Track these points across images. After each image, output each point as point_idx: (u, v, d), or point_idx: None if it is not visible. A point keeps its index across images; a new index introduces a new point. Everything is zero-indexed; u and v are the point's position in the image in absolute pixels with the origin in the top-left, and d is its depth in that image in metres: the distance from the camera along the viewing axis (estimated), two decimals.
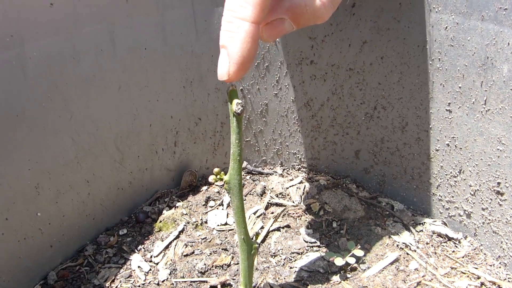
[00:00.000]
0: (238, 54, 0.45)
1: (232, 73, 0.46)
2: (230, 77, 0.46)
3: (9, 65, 0.54)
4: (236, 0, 0.45)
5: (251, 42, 0.46)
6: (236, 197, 0.51)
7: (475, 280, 0.62)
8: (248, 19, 0.45)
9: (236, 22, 0.45)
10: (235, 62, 0.45)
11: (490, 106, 0.60)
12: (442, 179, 0.70)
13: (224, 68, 0.46)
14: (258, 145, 0.85)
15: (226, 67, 0.46)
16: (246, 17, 0.45)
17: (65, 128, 0.62)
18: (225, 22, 0.46)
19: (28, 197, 0.60)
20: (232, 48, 0.45)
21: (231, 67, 0.46)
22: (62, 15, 0.58)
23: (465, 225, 0.69)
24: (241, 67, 0.46)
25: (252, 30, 0.45)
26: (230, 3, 0.45)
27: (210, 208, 0.77)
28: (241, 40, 0.45)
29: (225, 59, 0.46)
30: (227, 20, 0.46)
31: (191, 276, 0.65)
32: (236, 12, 0.45)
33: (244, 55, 0.46)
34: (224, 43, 0.46)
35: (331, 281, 0.63)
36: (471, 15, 0.58)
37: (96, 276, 0.65)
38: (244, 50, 0.46)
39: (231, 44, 0.45)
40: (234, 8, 0.45)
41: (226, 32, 0.46)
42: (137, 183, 0.76)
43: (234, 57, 0.45)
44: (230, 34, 0.45)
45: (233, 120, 0.46)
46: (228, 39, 0.46)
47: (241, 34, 0.45)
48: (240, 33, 0.45)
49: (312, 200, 0.77)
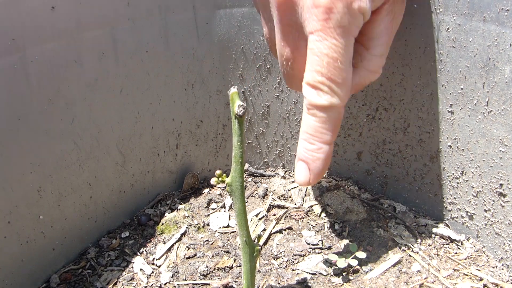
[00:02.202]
0: (319, 170, 0.54)
1: (312, 183, 0.55)
2: (309, 184, 0.55)
3: (12, 69, 0.54)
4: (316, 126, 0.53)
5: (329, 159, 0.54)
6: (238, 199, 0.51)
7: (478, 282, 0.62)
8: (328, 143, 0.53)
9: (317, 144, 0.53)
10: (316, 175, 0.54)
11: (492, 107, 0.60)
12: (444, 181, 0.70)
13: (305, 178, 0.54)
14: (260, 147, 0.85)
15: (307, 178, 0.54)
16: (327, 141, 0.53)
17: (67, 131, 0.63)
18: (305, 142, 0.54)
19: (31, 200, 0.60)
20: (315, 166, 0.54)
21: (312, 179, 0.54)
22: (64, 19, 0.58)
23: (468, 227, 0.69)
24: (319, 177, 0.55)
25: (331, 149, 0.54)
26: (311, 129, 0.53)
27: (212, 211, 0.77)
28: (322, 160, 0.54)
29: (306, 171, 0.54)
30: (307, 141, 0.53)
31: (193, 278, 0.65)
32: (317, 137, 0.53)
33: (323, 170, 0.54)
34: (306, 160, 0.54)
35: (334, 283, 0.63)
36: (472, 17, 0.58)
37: (99, 279, 0.65)
38: (325, 166, 0.54)
39: (313, 163, 0.54)
40: (315, 134, 0.53)
41: (308, 151, 0.54)
42: (139, 186, 0.76)
43: (316, 172, 0.54)
44: (312, 154, 0.53)
45: (234, 122, 0.46)
46: (310, 158, 0.54)
47: (322, 155, 0.53)
48: (322, 154, 0.53)
49: (314, 202, 0.77)
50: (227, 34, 0.75)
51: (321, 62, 0.50)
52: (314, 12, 0.49)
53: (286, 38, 0.55)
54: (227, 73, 0.78)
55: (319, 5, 0.49)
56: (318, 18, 0.49)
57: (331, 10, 0.49)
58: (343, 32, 0.49)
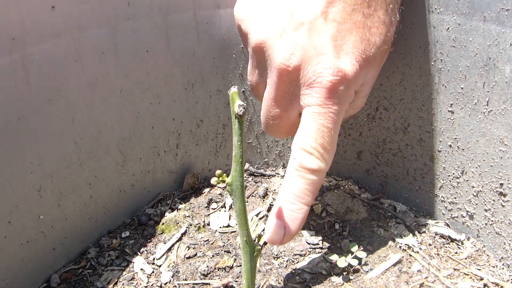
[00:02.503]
0: (295, 231, 0.56)
1: (285, 242, 0.56)
2: (280, 244, 0.56)
3: (12, 68, 0.54)
4: (303, 188, 0.55)
5: (304, 220, 0.56)
6: (239, 199, 0.51)
7: (478, 281, 0.62)
8: (308, 205, 0.56)
9: (299, 205, 0.55)
10: (290, 236, 0.56)
11: (493, 107, 0.60)
12: (445, 180, 0.70)
13: (280, 237, 0.55)
14: (260, 147, 0.85)
15: (281, 237, 0.55)
16: (308, 202, 0.56)
17: (67, 131, 0.63)
18: (288, 202, 0.56)
19: (31, 200, 0.60)
20: (293, 226, 0.55)
21: (286, 239, 0.56)
22: (64, 19, 0.58)
23: (468, 226, 0.69)
24: (291, 238, 0.56)
25: (308, 210, 0.56)
26: (297, 190, 0.55)
27: (212, 210, 0.77)
28: (300, 220, 0.56)
29: (282, 230, 0.55)
30: (291, 201, 0.55)
31: (193, 278, 0.65)
32: (301, 198, 0.55)
33: (297, 231, 0.56)
34: (286, 219, 0.55)
35: (334, 283, 0.63)
36: (473, 16, 0.58)
37: (99, 279, 0.65)
38: (299, 228, 0.56)
39: (292, 223, 0.55)
40: (300, 195, 0.55)
41: (289, 211, 0.55)
42: (140, 186, 0.76)
43: (291, 233, 0.56)
44: (292, 214, 0.55)
45: (235, 122, 0.46)
46: (290, 218, 0.55)
47: (301, 215, 0.56)
48: (301, 214, 0.56)
49: (315, 201, 0.77)
50: (227, 34, 0.75)
51: (316, 131, 0.54)
52: (317, 91, 0.53)
53: (279, 101, 0.58)
54: (227, 73, 0.78)
55: (323, 86, 0.53)
56: (320, 96, 0.53)
57: (334, 93, 0.54)
58: (340, 107, 0.55)
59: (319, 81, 0.53)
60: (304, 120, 0.55)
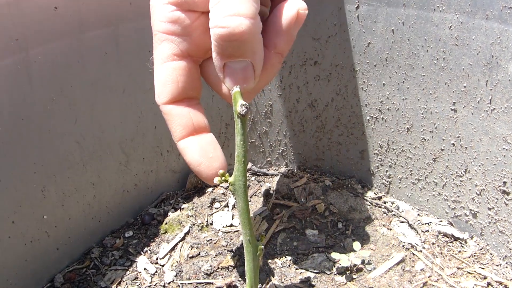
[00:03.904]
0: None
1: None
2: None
3: (14, 69, 0.54)
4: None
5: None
6: (241, 198, 0.51)
7: (482, 280, 0.62)
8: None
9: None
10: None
11: (496, 105, 0.60)
12: (448, 179, 0.70)
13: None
14: (263, 146, 0.85)
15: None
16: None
17: (70, 131, 0.63)
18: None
19: (34, 200, 0.60)
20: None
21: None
22: (66, 19, 0.58)
23: (471, 225, 0.69)
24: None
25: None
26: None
27: (215, 210, 0.77)
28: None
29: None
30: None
31: (197, 278, 0.65)
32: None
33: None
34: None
35: (337, 282, 0.63)
36: (475, 14, 0.58)
37: (103, 279, 0.65)
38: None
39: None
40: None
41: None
42: (143, 185, 0.76)
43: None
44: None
45: (237, 121, 0.46)
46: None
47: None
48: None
49: (317, 201, 0.77)
50: None
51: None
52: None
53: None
54: None
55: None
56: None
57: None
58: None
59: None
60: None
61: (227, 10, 0.39)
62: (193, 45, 0.48)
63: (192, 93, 0.51)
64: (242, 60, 0.43)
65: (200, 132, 0.52)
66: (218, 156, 0.51)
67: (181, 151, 0.50)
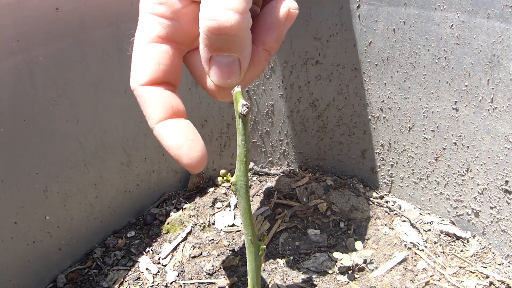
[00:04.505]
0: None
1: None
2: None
3: (16, 70, 0.54)
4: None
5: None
6: (243, 198, 0.51)
7: (484, 279, 0.62)
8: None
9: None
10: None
11: (497, 104, 0.60)
12: (450, 178, 0.70)
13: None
14: (265, 146, 0.85)
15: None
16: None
17: (72, 132, 0.63)
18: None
19: (37, 200, 0.60)
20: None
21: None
22: (68, 20, 0.58)
23: (473, 224, 0.69)
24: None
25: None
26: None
27: (217, 210, 0.78)
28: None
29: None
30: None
31: (199, 277, 0.65)
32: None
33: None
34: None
35: (339, 281, 0.63)
36: (476, 13, 0.58)
37: (105, 279, 0.65)
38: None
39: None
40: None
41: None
42: (145, 186, 0.76)
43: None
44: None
45: (239, 121, 0.46)
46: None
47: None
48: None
49: (319, 200, 0.77)
50: None
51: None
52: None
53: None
54: None
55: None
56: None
57: None
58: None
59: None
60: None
61: (218, 3, 0.39)
62: (180, 31, 0.47)
63: (172, 79, 0.49)
64: (229, 55, 0.42)
65: (179, 116, 0.49)
66: (199, 140, 0.47)
67: (158, 135, 0.47)
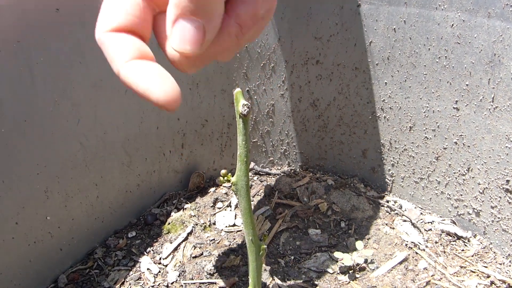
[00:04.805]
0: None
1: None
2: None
3: (17, 71, 0.54)
4: None
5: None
6: (244, 198, 0.51)
7: (485, 279, 0.62)
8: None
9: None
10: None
11: (498, 103, 0.60)
12: (451, 178, 0.70)
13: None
14: (265, 146, 0.85)
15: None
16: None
17: (73, 132, 0.63)
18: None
19: (38, 201, 0.60)
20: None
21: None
22: (68, 21, 0.58)
23: (474, 224, 0.69)
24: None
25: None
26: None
27: (218, 210, 0.78)
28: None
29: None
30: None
31: (200, 277, 0.65)
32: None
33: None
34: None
35: (340, 281, 0.63)
36: (477, 12, 0.58)
37: (106, 279, 0.65)
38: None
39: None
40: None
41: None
42: (145, 186, 0.76)
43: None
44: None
45: (239, 121, 0.46)
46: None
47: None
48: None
49: (320, 200, 0.77)
50: None
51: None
52: None
53: None
54: (231, 72, 0.78)
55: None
56: None
57: None
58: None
59: None
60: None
61: None
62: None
63: (140, 31, 0.45)
64: (196, 20, 0.39)
65: (147, 59, 0.45)
66: (170, 77, 0.43)
67: (125, 76, 0.43)
